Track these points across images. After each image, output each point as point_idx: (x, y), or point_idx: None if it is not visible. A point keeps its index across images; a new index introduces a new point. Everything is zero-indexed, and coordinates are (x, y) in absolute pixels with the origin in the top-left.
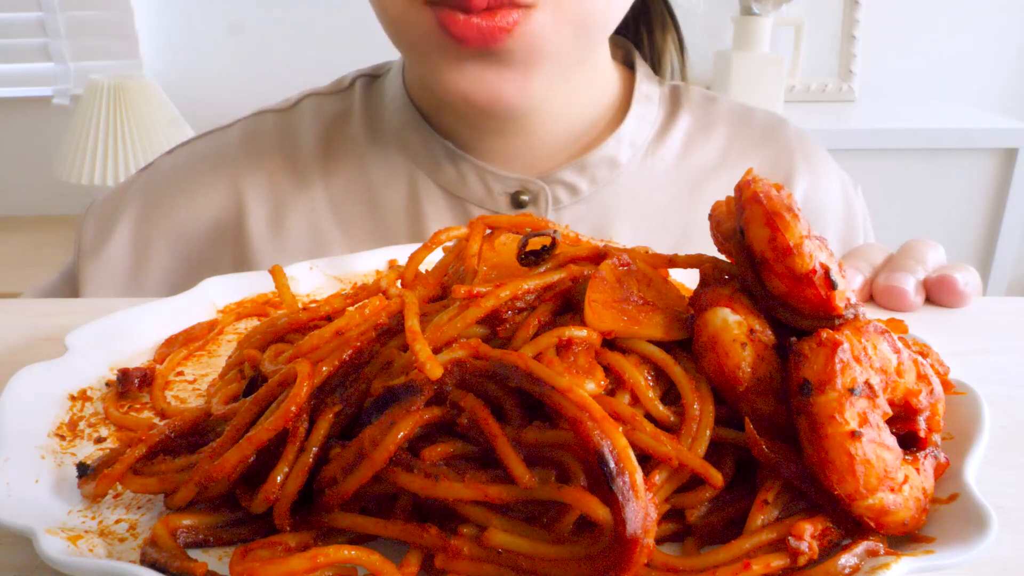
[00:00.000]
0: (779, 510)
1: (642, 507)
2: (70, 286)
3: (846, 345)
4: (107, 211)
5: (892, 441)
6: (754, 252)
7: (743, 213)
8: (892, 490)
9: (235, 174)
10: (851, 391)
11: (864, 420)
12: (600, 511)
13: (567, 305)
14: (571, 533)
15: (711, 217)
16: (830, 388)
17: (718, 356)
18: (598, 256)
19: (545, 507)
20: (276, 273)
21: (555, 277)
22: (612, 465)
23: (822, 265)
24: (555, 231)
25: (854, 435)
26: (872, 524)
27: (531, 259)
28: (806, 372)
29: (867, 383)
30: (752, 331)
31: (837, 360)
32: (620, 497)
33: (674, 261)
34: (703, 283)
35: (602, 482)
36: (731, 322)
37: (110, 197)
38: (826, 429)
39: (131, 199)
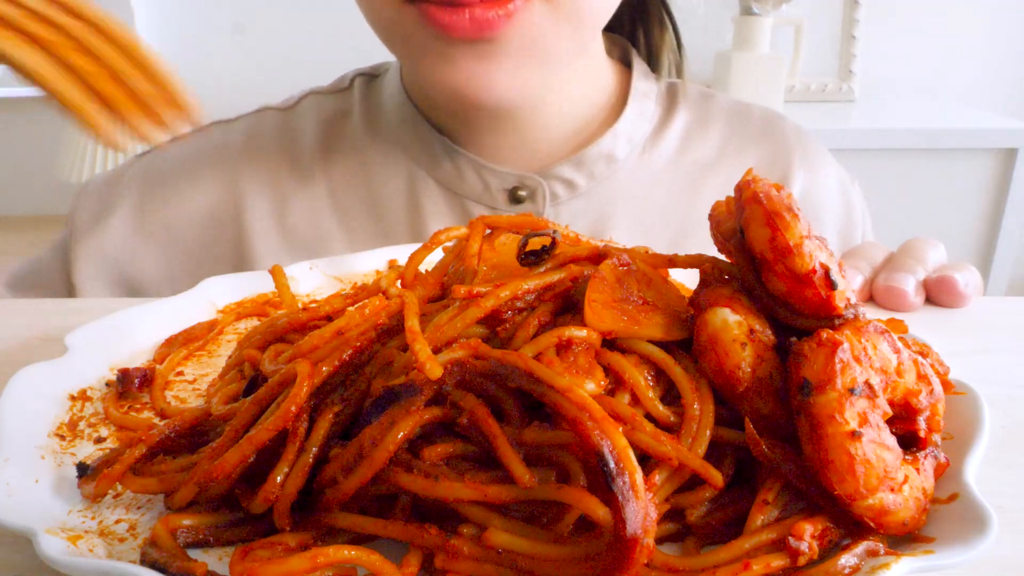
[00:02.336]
0: (779, 510)
1: (642, 507)
2: (60, 262)
3: (846, 345)
4: (103, 194)
5: (892, 441)
6: (754, 252)
7: (743, 213)
8: (892, 490)
9: (236, 170)
10: (851, 391)
11: (864, 420)
12: (600, 511)
13: (567, 305)
14: (571, 533)
15: (711, 217)
16: (830, 388)
17: (718, 356)
18: (598, 256)
19: (545, 507)
20: (276, 273)
21: (555, 277)
22: (612, 465)
23: (822, 265)
24: (555, 231)
25: (854, 435)
26: (872, 524)
27: (531, 259)
28: (806, 372)
29: (867, 383)
30: (752, 331)
31: (837, 360)
32: (620, 497)
33: (674, 261)
34: (703, 283)
35: (602, 482)
36: (731, 322)
37: (107, 180)
38: (826, 429)
39: (129, 184)
